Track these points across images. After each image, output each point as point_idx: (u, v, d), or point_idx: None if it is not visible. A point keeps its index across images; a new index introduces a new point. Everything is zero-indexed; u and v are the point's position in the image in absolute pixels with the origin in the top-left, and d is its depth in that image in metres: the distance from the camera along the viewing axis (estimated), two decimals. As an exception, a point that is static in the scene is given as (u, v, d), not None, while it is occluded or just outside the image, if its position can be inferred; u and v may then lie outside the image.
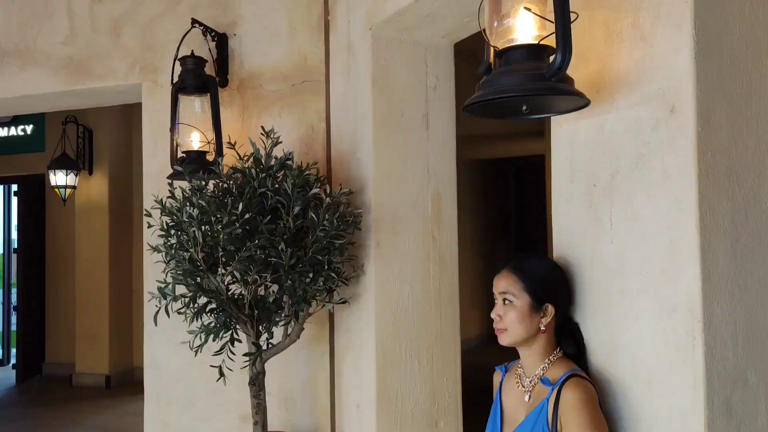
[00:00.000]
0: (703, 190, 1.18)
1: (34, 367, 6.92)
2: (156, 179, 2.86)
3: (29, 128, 6.95)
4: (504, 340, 1.47)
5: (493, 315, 1.49)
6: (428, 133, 2.48)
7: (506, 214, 8.56)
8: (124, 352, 6.58)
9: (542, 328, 1.43)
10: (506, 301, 1.45)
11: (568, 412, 1.32)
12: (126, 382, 6.45)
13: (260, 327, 2.35)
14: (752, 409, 1.21)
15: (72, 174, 6.11)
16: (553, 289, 1.47)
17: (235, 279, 2.21)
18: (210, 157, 2.60)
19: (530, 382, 1.47)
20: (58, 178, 6.05)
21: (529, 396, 1.46)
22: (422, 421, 2.38)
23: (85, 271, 6.45)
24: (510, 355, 1.59)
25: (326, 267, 2.23)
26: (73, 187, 6.21)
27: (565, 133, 1.48)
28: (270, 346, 2.39)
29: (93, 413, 5.50)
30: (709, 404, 1.17)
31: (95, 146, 6.48)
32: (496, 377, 1.62)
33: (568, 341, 1.47)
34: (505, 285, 1.46)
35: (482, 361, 1.64)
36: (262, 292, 2.35)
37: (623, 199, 1.33)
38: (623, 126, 1.33)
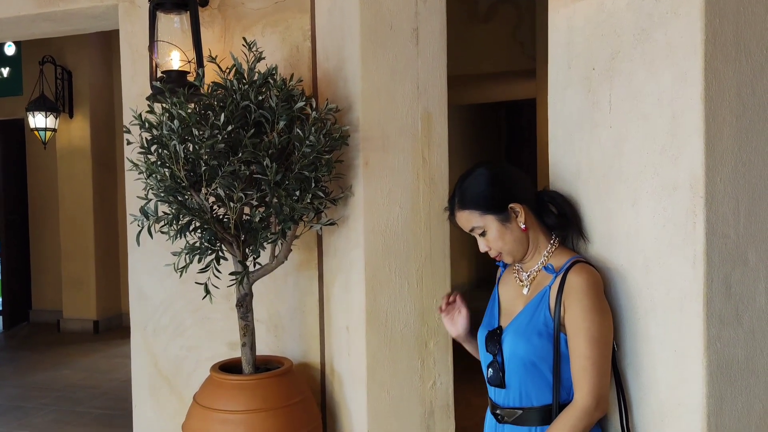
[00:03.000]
0: (709, 58, 1.12)
1: (20, 314, 6.88)
2: (136, 104, 2.75)
3: (5, 71, 6.72)
4: (507, 260, 1.48)
5: (482, 250, 1.49)
6: (418, 49, 2.39)
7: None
8: (112, 297, 6.54)
9: (522, 226, 1.41)
10: (481, 233, 1.45)
11: (573, 295, 1.31)
12: (114, 327, 6.44)
13: (247, 249, 2.30)
14: (751, 289, 1.18)
15: (52, 116, 5.93)
16: (504, 191, 1.43)
17: (219, 200, 2.15)
18: (191, 78, 2.50)
19: (528, 276, 1.46)
20: (37, 120, 5.87)
21: (528, 289, 1.45)
22: (412, 342, 2.36)
23: (69, 216, 6.34)
24: None
25: (313, 184, 2.17)
26: (53, 130, 6.04)
27: (563, 17, 1.41)
28: (258, 266, 2.35)
29: (81, 356, 5.50)
30: (708, 282, 1.13)
31: (75, 88, 6.28)
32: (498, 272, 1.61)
33: (548, 216, 1.45)
34: (466, 223, 1.46)
35: (471, 306, 1.63)
36: (248, 213, 2.29)
37: (623, 79, 1.27)
38: (625, 1, 1.25)
